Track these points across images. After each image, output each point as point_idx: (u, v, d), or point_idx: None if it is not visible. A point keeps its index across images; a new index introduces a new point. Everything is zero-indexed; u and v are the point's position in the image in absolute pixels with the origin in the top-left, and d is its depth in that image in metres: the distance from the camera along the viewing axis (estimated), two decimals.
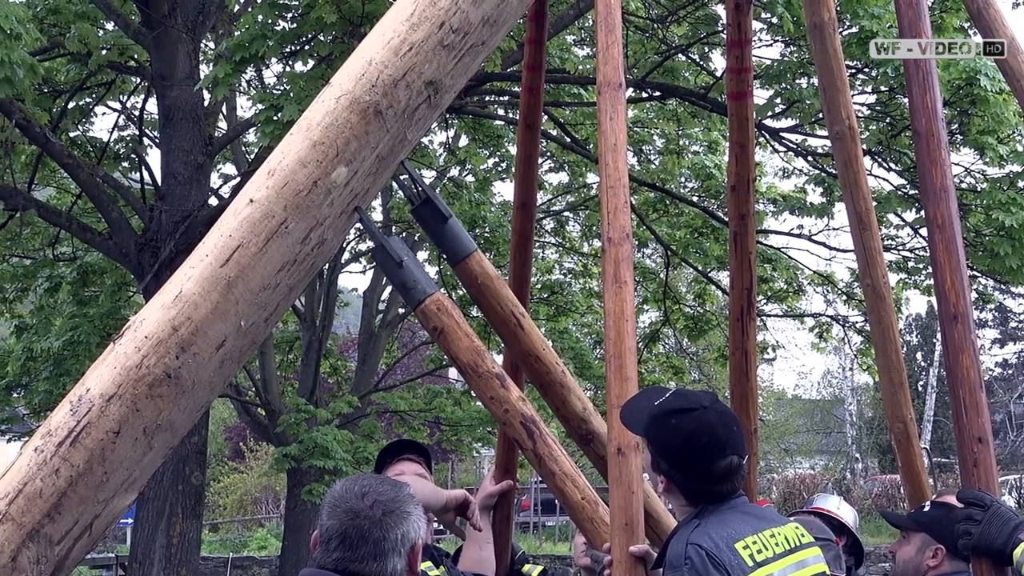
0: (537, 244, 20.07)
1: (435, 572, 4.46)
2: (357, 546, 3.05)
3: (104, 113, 16.04)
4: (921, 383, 42.54)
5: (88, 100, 15.23)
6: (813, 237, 15.89)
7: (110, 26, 13.57)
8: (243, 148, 17.88)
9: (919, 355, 45.85)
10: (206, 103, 13.16)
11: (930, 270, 7.52)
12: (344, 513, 3.08)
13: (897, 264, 15.36)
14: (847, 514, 5.85)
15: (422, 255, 19.14)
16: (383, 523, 3.07)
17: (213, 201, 13.88)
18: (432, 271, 17.44)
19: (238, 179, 16.27)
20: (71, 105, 14.43)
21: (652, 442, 3.44)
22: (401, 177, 3.81)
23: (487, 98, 14.70)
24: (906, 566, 4.41)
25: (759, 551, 3.29)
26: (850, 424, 43.05)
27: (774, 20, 11.15)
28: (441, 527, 4.69)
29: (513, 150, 18.26)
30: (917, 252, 14.82)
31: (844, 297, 17.18)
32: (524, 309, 3.89)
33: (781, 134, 13.62)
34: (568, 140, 15.22)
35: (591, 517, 3.71)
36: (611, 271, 3.59)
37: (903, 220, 14.52)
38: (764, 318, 18.05)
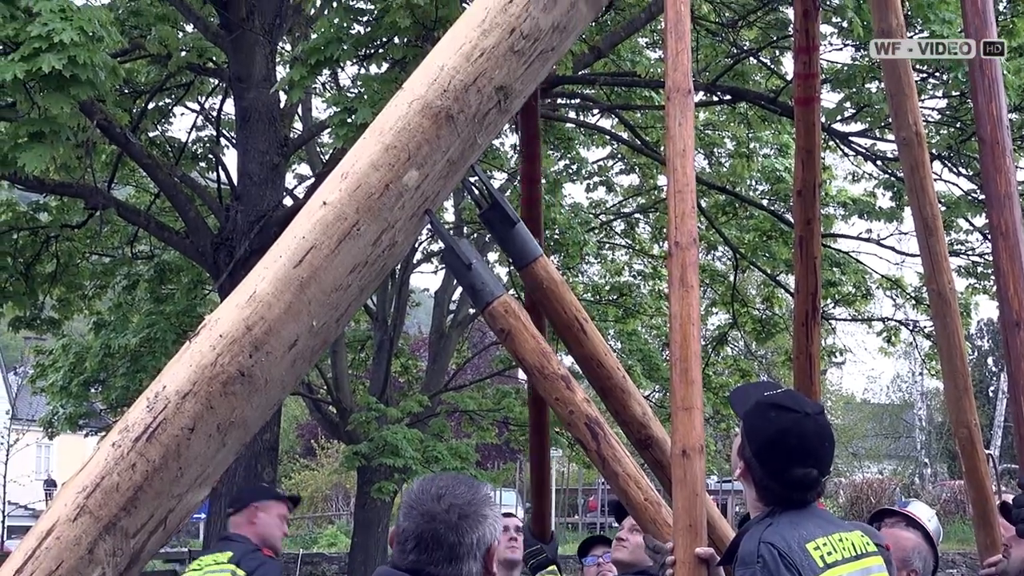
0: (607, 246, 20.13)
1: None
2: (432, 549, 3.01)
3: (182, 114, 16.29)
4: (992, 388, 41.92)
5: (167, 101, 15.46)
6: (882, 241, 15.78)
7: (189, 28, 13.81)
8: (318, 149, 18.08)
9: (990, 360, 45.15)
10: (282, 105, 13.32)
11: None
12: (420, 516, 3.04)
13: (966, 269, 15.22)
14: (933, 529, 5.80)
15: (492, 256, 19.23)
16: (459, 527, 3.02)
17: (288, 201, 14.04)
18: (502, 272, 17.53)
19: (312, 180, 16.45)
20: (151, 106, 14.68)
21: (746, 426, 3.49)
22: (472, 179, 3.87)
23: (558, 100, 14.73)
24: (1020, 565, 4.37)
25: (829, 553, 3.32)
26: (919, 429, 42.53)
27: (844, 24, 11.08)
28: None
29: (585, 153, 18.34)
30: (986, 257, 14.65)
31: (913, 301, 17.02)
32: (586, 314, 3.95)
33: (850, 138, 13.52)
34: (638, 143, 15.21)
35: (654, 518, 3.75)
36: (677, 275, 3.61)
37: (972, 225, 14.37)
38: (832, 322, 17.95)
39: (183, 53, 12.82)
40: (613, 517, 5.84)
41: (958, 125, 12.23)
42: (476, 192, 3.91)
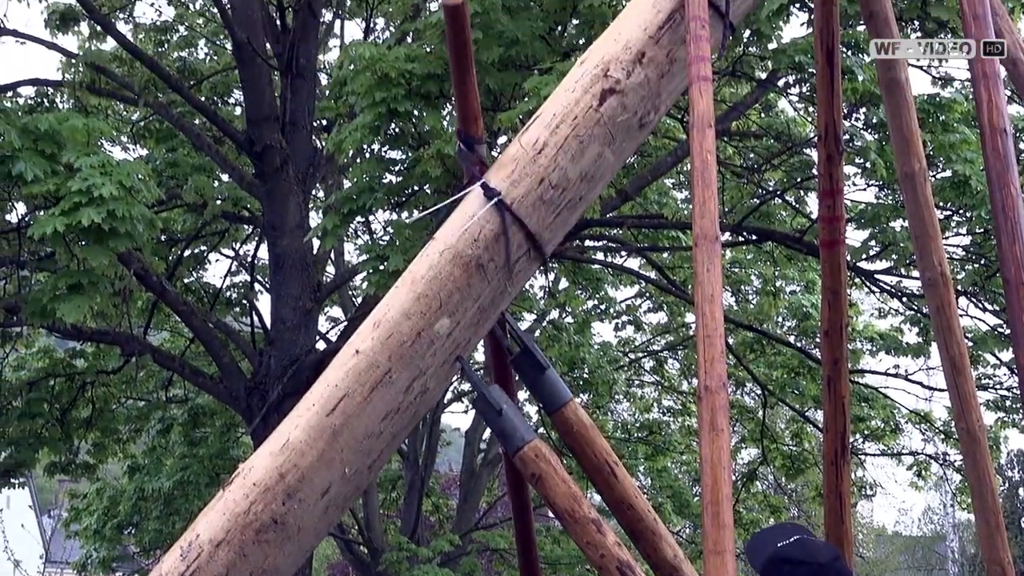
0: (636, 383, 20.13)
1: None
2: None
3: (217, 260, 16.61)
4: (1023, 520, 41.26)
5: (203, 248, 15.76)
6: (910, 377, 15.76)
7: (225, 177, 14.14)
8: (350, 292, 18.28)
9: (1021, 491, 44.46)
10: (315, 251, 13.52)
11: None
12: None
13: (995, 403, 15.19)
14: None
15: (522, 395, 19.26)
16: None
17: (320, 345, 14.16)
18: (532, 410, 17.55)
19: (345, 323, 16.63)
20: (186, 253, 14.97)
21: None
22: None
23: (586, 243, 14.91)
24: None
25: None
26: (952, 561, 41.74)
27: (867, 165, 11.25)
28: None
29: (613, 292, 18.50)
30: (1014, 391, 14.64)
31: (942, 435, 16.95)
32: (616, 457, 3.97)
33: (876, 276, 13.59)
34: (666, 282, 15.33)
35: None
36: (708, 419, 3.61)
37: (999, 360, 14.35)
38: (862, 456, 17.89)
39: (219, 202, 13.11)
40: None
41: (983, 262, 12.28)
42: (507, 339, 3.96)
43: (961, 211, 11.84)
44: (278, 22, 13.82)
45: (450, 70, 3.79)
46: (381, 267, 9.55)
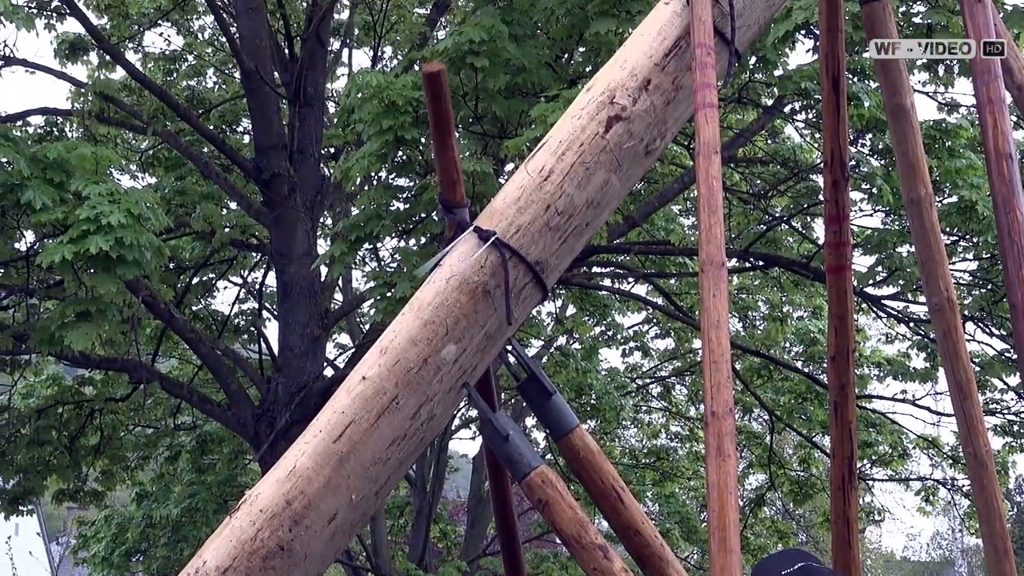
0: (643, 409, 20.12)
1: None
2: None
3: (225, 287, 16.65)
4: None
5: (211, 275, 15.81)
6: (917, 402, 15.75)
7: (233, 205, 14.19)
8: (357, 319, 18.30)
9: None
10: (323, 278, 13.56)
11: None
12: None
13: (1003, 428, 15.17)
14: None
15: (529, 420, 19.26)
16: None
17: (328, 372, 14.17)
18: (539, 436, 17.53)
19: (353, 350, 16.65)
20: (194, 281, 15.01)
21: None
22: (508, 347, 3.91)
23: (593, 269, 14.93)
24: None
25: None
26: None
27: (874, 191, 11.25)
28: None
29: (620, 318, 18.50)
30: (1022, 415, 14.62)
31: (950, 461, 16.92)
32: (623, 482, 3.96)
33: (883, 301, 13.58)
34: (673, 308, 15.34)
35: None
36: (714, 444, 3.61)
37: (1007, 385, 14.33)
38: (869, 482, 17.86)
39: (227, 230, 13.15)
40: None
41: (989, 287, 12.28)
42: (513, 365, 3.96)
43: (967, 236, 11.84)
44: (286, 51, 13.91)
45: (431, 136, 3.78)
46: (388, 294, 9.56)
